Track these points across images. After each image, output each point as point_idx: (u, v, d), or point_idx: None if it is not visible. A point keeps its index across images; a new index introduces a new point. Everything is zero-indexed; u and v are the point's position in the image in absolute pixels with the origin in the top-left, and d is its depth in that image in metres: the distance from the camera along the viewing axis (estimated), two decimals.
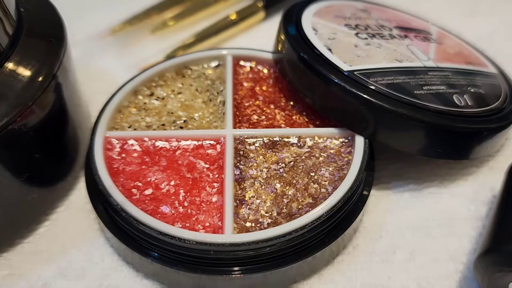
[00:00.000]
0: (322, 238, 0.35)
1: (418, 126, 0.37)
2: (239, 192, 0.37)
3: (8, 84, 0.33)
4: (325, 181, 0.37)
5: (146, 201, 0.36)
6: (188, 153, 0.39)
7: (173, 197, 0.36)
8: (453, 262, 0.37)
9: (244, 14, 0.52)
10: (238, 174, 0.37)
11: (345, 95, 0.37)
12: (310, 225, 0.34)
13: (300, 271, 0.36)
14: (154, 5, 0.53)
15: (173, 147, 0.39)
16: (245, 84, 0.44)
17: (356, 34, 0.42)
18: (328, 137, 0.40)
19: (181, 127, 0.41)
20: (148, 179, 0.37)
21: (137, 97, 0.43)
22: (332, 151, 0.39)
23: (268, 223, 0.35)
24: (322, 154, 0.39)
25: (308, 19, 0.42)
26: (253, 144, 0.39)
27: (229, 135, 0.39)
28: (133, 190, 0.37)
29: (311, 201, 0.36)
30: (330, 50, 0.40)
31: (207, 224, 0.35)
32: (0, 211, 0.36)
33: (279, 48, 0.42)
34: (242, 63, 0.45)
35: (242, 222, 0.35)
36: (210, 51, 0.46)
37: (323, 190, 0.37)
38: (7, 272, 0.37)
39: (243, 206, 0.36)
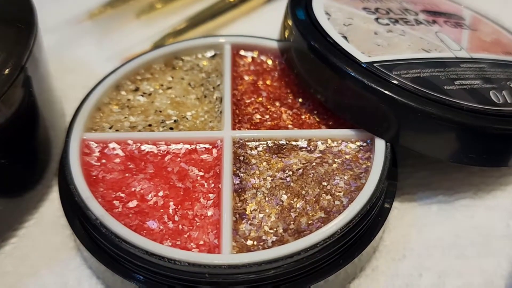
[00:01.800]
0: (336, 259, 0.35)
1: (449, 127, 0.37)
2: (238, 204, 0.37)
3: None
4: (339, 192, 0.37)
5: (130, 215, 0.36)
6: (179, 159, 0.39)
7: (161, 210, 0.36)
8: (489, 287, 0.37)
9: None
10: (237, 184, 0.37)
11: (363, 91, 0.37)
12: (322, 243, 0.34)
13: None
14: None
15: (161, 152, 0.39)
16: (246, 77, 0.44)
17: (376, 19, 0.42)
18: (343, 140, 0.40)
19: (171, 128, 0.41)
20: (133, 189, 0.37)
21: (120, 93, 0.43)
22: (347, 156, 0.39)
23: (272, 241, 0.35)
24: (336, 160, 0.39)
25: (320, 2, 0.43)
26: (255, 148, 0.39)
27: (227, 138, 0.39)
28: (114, 202, 0.37)
29: (323, 215, 0.36)
30: (345, 38, 0.40)
31: (202, 242, 0.35)
32: None
33: (286, 36, 0.42)
34: (242, 53, 0.45)
35: (243, 240, 0.35)
36: (205, 39, 0.46)
37: (337, 202, 0.37)
38: None
39: (243, 221, 0.36)
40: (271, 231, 0.35)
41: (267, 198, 0.37)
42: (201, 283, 0.34)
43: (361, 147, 0.39)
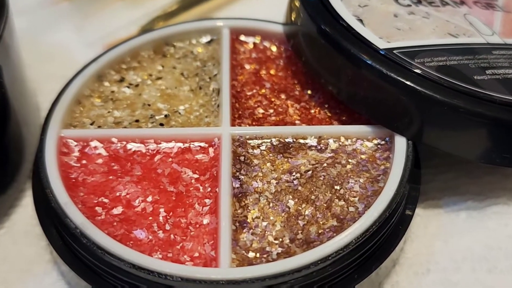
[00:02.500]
0: (351, 273, 0.35)
1: (479, 123, 0.37)
2: (239, 211, 0.36)
3: None
4: (354, 196, 0.37)
5: (115, 223, 0.36)
6: (170, 159, 0.39)
7: (150, 218, 0.36)
8: None
9: None
10: (237, 188, 0.37)
11: (381, 81, 0.37)
12: (334, 255, 0.34)
13: None
14: None
15: (150, 151, 0.39)
16: (247, 66, 0.44)
17: None
18: (359, 137, 0.39)
19: (161, 124, 0.40)
20: (117, 194, 0.37)
21: (102, 84, 0.43)
22: (363, 156, 0.39)
23: (278, 253, 0.35)
24: (350, 160, 0.39)
25: None
26: (258, 147, 0.39)
27: (225, 135, 0.39)
28: (97, 208, 0.37)
29: (335, 223, 0.36)
30: (361, 21, 0.39)
31: (197, 254, 0.35)
32: None
33: (293, 19, 0.42)
34: (243, 38, 0.45)
35: (244, 251, 0.35)
36: (200, 22, 0.46)
37: (351, 209, 0.36)
38: None
39: (244, 231, 0.36)
40: (276, 241, 0.35)
41: (271, 204, 0.37)
42: None
43: (379, 146, 0.39)
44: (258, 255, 0.35)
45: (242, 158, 0.38)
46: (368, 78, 0.37)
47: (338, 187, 0.37)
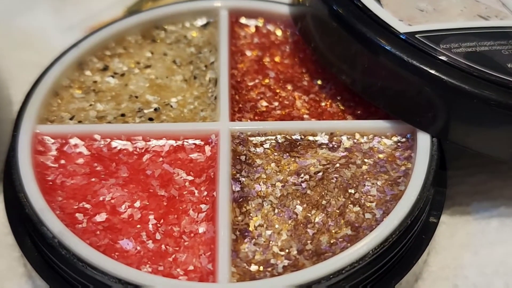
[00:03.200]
0: None
1: None
2: (239, 218, 0.36)
3: None
4: (371, 201, 0.37)
5: (98, 232, 0.36)
6: (161, 159, 0.39)
7: (138, 225, 0.36)
8: None
9: None
10: (238, 191, 0.37)
11: (401, 70, 0.37)
12: (349, 269, 0.34)
13: None
14: None
15: (138, 150, 0.39)
16: (249, 53, 0.44)
17: None
18: (376, 134, 0.39)
19: (151, 119, 0.40)
20: (101, 199, 0.37)
21: (84, 73, 0.42)
22: (381, 156, 0.39)
23: (284, 266, 0.35)
24: (366, 160, 0.38)
25: None
26: (261, 145, 0.39)
27: (224, 131, 0.39)
28: (77, 215, 0.36)
29: (349, 232, 0.36)
30: (378, 1, 0.39)
31: (191, 267, 0.35)
32: None
33: None
34: (243, 20, 0.45)
35: (245, 264, 0.35)
36: (195, 3, 0.46)
37: (368, 215, 0.36)
38: None
39: (246, 240, 0.36)
40: (282, 253, 0.35)
41: (276, 210, 0.37)
42: None
43: (399, 144, 0.39)
44: (261, 268, 0.35)
45: (243, 158, 0.38)
46: (387, 66, 0.37)
47: (352, 191, 0.37)
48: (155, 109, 0.41)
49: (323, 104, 0.41)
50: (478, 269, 0.39)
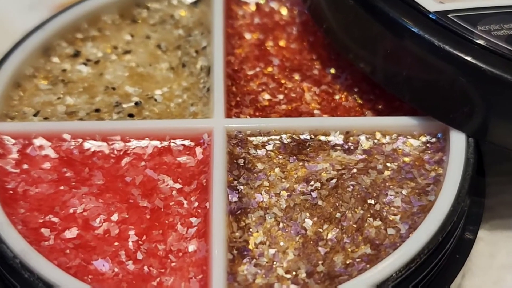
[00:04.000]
0: None
1: None
2: (237, 234, 0.35)
3: None
4: (394, 214, 0.35)
5: (68, 251, 0.34)
6: (143, 163, 0.37)
7: (116, 243, 0.35)
8: None
9: None
10: (235, 202, 0.36)
11: (431, 56, 0.35)
12: None
13: None
14: None
15: (116, 152, 0.38)
16: (248, 36, 0.43)
17: None
18: (400, 133, 0.38)
19: (131, 115, 0.39)
20: (71, 211, 0.36)
21: (50, 60, 0.42)
22: (407, 159, 0.37)
23: None
24: (389, 165, 0.37)
25: None
26: (263, 146, 0.38)
27: (218, 130, 0.38)
28: (43, 230, 0.35)
29: (369, 251, 0.34)
30: None
31: None
32: None
33: None
34: None
35: None
36: None
37: (391, 231, 0.35)
38: None
39: (245, 261, 0.34)
40: (289, 275, 0.34)
41: (281, 225, 0.35)
42: None
43: (428, 145, 0.38)
44: None
45: (241, 162, 0.37)
46: (414, 51, 0.36)
47: (372, 202, 0.36)
48: (136, 103, 0.40)
49: (337, 97, 0.40)
50: None
